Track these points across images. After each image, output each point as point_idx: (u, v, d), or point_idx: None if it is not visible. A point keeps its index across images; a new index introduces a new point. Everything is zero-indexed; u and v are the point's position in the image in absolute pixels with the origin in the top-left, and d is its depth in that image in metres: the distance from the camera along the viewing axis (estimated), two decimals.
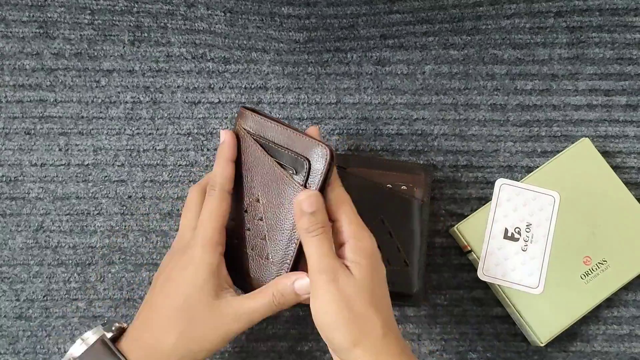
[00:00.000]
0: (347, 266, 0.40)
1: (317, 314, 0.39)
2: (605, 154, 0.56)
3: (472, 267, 0.55)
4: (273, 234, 0.44)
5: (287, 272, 0.43)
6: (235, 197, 0.45)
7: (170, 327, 0.41)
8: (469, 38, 0.59)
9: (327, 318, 0.39)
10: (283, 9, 0.59)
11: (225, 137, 0.45)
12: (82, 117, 0.57)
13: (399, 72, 0.59)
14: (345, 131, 0.58)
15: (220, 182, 0.44)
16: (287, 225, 0.43)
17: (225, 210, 0.43)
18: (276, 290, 0.41)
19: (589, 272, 0.52)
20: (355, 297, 0.39)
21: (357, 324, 0.38)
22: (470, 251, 0.53)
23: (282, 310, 0.42)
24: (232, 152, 0.45)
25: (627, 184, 0.55)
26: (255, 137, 0.45)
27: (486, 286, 0.55)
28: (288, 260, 0.43)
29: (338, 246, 0.41)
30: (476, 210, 0.54)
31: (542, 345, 0.51)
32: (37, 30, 0.58)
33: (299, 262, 0.43)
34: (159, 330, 0.41)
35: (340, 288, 0.38)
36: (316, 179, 0.42)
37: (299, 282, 0.41)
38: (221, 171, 0.44)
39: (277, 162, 0.44)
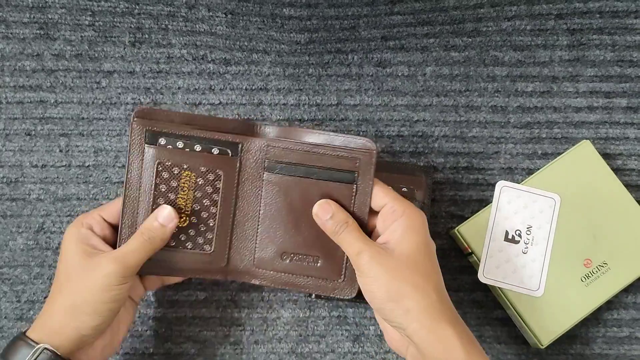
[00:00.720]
0: (394, 242, 0.43)
1: (366, 292, 0.43)
2: (605, 156, 0.56)
3: (473, 269, 0.55)
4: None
5: None
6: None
7: (54, 293, 0.44)
8: (470, 40, 0.59)
9: (375, 294, 0.42)
10: (284, 10, 0.59)
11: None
12: (83, 118, 0.57)
13: (399, 74, 0.59)
14: (346, 133, 0.58)
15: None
16: None
17: (108, 210, 0.47)
18: (143, 227, 0.45)
19: (590, 275, 0.52)
20: (400, 268, 0.41)
21: (405, 293, 0.41)
22: (470, 253, 0.53)
23: (156, 246, 0.45)
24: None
25: (628, 186, 0.55)
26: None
27: (487, 288, 0.55)
28: None
29: (391, 223, 0.44)
30: (477, 212, 0.54)
31: (542, 347, 0.51)
32: (38, 32, 0.58)
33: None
34: (48, 302, 0.44)
35: (381, 263, 0.42)
36: None
37: (159, 211, 0.45)
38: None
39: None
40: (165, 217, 0.45)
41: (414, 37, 0.59)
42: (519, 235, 0.52)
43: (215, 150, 0.46)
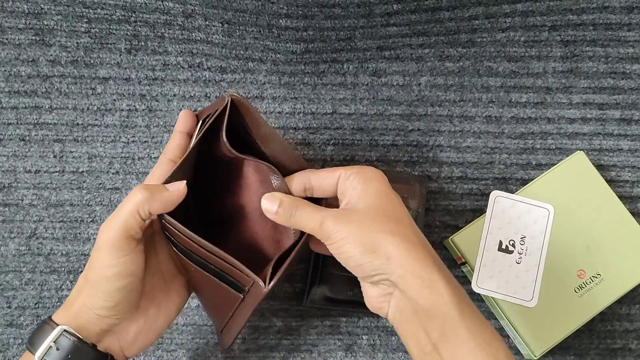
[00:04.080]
0: (356, 198, 0.41)
1: (341, 258, 0.40)
2: (599, 167, 0.56)
3: (467, 279, 0.55)
4: None
5: None
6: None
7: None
8: (465, 50, 0.59)
9: (350, 253, 0.39)
10: (281, 21, 0.59)
11: (181, 114, 0.46)
12: (77, 124, 0.57)
13: (394, 84, 0.59)
14: (340, 141, 0.58)
15: (165, 150, 0.46)
16: None
17: (158, 174, 0.44)
18: (141, 184, 0.41)
19: (583, 286, 0.52)
20: (370, 219, 0.39)
21: (382, 241, 0.38)
22: (464, 263, 0.53)
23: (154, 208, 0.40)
24: (182, 124, 0.46)
25: (621, 197, 0.55)
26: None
27: (480, 298, 0.55)
28: None
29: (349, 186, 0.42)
30: (471, 222, 0.54)
31: (535, 358, 0.51)
32: (34, 38, 0.58)
33: None
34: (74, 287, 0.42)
35: (348, 221, 0.39)
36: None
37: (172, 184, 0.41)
38: (169, 141, 0.46)
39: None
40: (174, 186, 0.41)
41: (409, 48, 0.59)
42: (513, 246, 0.52)
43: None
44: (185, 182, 0.41)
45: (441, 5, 0.58)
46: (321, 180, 0.43)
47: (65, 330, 0.39)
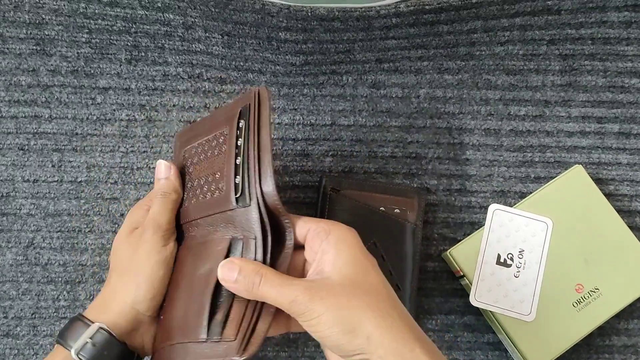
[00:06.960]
0: (328, 265, 0.38)
1: (316, 335, 0.37)
2: (598, 181, 0.56)
3: (465, 292, 0.55)
4: None
5: None
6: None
7: (108, 278, 0.45)
8: (463, 63, 0.60)
9: (327, 332, 0.36)
10: (280, 34, 0.59)
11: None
12: (77, 133, 0.57)
13: (393, 96, 0.59)
14: (339, 153, 0.58)
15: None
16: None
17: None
18: (153, 190, 0.47)
19: (581, 300, 0.52)
20: (345, 293, 0.36)
21: (361, 319, 0.35)
22: (462, 276, 0.53)
23: (172, 198, 0.46)
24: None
25: (620, 211, 0.55)
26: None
27: (478, 312, 0.55)
28: None
29: (319, 246, 0.39)
30: (469, 234, 0.54)
31: None
32: (34, 47, 0.58)
33: None
34: (104, 288, 0.44)
35: (323, 297, 0.36)
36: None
37: (157, 169, 0.47)
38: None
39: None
40: (162, 170, 0.47)
41: (408, 60, 0.60)
42: (511, 259, 0.52)
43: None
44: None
45: (440, 19, 0.58)
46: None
47: (101, 327, 0.40)
